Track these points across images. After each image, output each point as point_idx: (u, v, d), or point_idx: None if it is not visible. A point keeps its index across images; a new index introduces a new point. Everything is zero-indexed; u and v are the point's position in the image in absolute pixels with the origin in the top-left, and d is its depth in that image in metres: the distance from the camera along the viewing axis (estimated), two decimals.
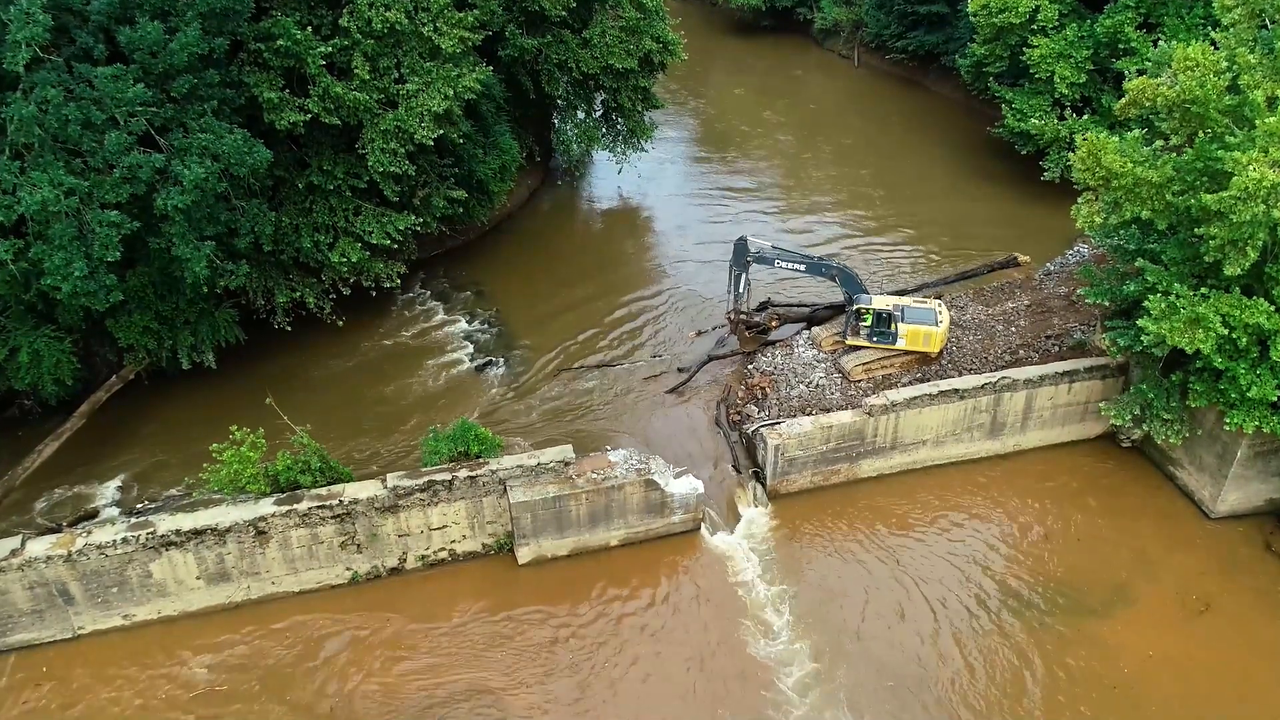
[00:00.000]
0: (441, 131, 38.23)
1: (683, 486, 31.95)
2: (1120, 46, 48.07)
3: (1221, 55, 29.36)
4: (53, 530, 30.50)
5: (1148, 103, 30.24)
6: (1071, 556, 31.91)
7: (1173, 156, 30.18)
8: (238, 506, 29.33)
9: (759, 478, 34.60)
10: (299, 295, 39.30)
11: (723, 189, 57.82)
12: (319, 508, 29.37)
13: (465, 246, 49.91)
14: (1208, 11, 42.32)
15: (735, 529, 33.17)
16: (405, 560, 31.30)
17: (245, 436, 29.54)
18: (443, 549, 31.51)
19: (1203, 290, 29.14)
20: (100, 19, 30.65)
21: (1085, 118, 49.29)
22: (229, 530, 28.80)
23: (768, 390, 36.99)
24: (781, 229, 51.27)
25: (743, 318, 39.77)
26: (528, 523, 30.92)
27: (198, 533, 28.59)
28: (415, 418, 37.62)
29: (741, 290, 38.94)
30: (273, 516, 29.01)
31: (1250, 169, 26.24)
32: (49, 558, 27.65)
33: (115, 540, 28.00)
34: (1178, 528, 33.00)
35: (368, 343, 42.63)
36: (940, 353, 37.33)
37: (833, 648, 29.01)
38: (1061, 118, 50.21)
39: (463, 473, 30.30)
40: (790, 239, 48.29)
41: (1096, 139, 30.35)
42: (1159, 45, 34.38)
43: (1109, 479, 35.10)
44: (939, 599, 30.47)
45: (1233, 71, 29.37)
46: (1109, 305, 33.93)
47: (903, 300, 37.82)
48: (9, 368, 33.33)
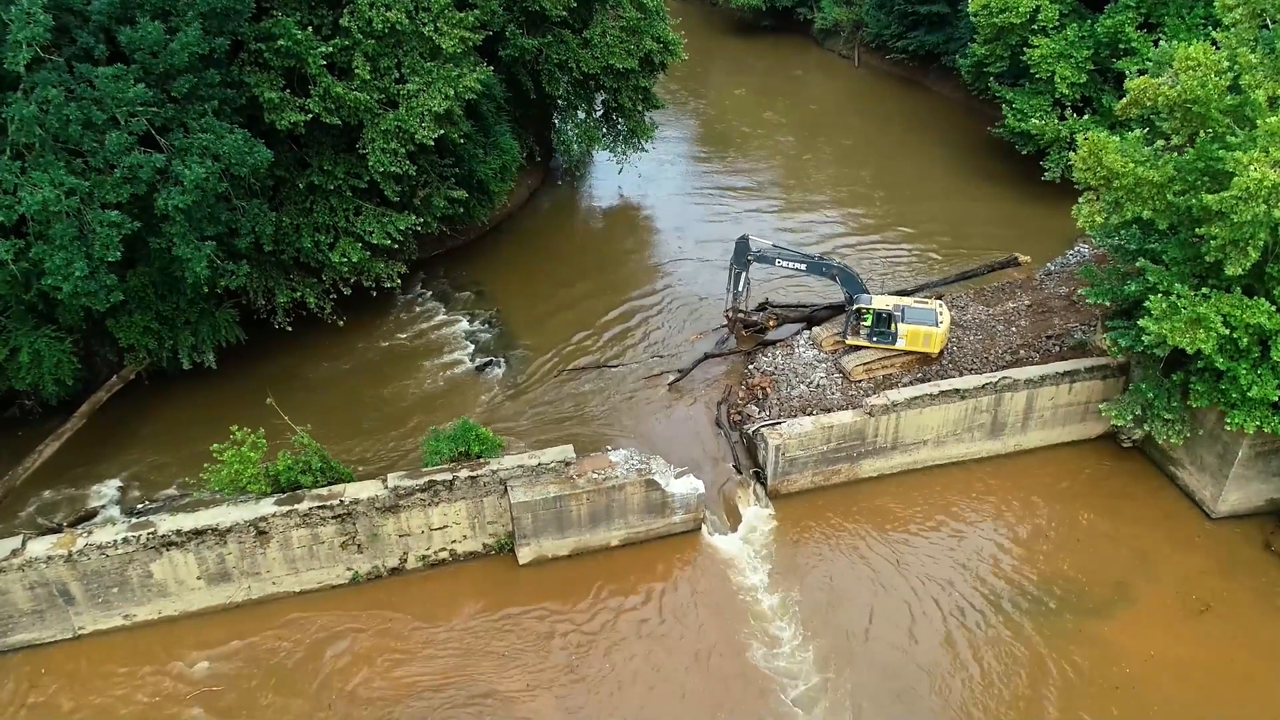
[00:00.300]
0: (442, 131, 38.23)
1: (683, 487, 31.94)
2: (1121, 46, 48.09)
3: (1222, 55, 29.36)
4: (53, 530, 30.54)
5: (1149, 102, 30.23)
6: (1072, 556, 31.91)
7: (1174, 156, 30.18)
8: (238, 506, 29.33)
9: (760, 478, 34.59)
10: (299, 295, 39.30)
11: (723, 189, 57.81)
12: (320, 508, 29.37)
13: (466, 246, 49.93)
14: (1208, 11, 42.35)
15: (736, 529, 33.15)
16: (406, 560, 31.30)
17: (246, 436, 29.55)
18: (443, 549, 31.51)
19: (1204, 290, 29.13)
20: (101, 19, 30.66)
21: (1086, 118, 49.28)
22: (230, 530, 28.80)
23: (768, 390, 36.98)
24: (782, 229, 51.23)
25: (741, 316, 39.87)
26: (528, 523, 30.93)
27: (198, 533, 28.59)
28: (416, 418, 37.61)
29: (741, 289, 39.02)
30: (273, 516, 29.01)
31: (1251, 169, 26.25)
32: (49, 558, 27.65)
33: (116, 540, 28.00)
34: (1178, 528, 33.00)
35: (368, 343, 42.62)
36: (941, 353, 37.34)
37: (834, 649, 28.96)
38: (1062, 118, 50.21)
39: (463, 473, 30.30)
40: (790, 239, 48.25)
41: (1098, 139, 30.33)
42: (1160, 45, 34.37)
43: (1110, 479, 35.09)
44: (940, 599, 30.47)
45: (1234, 71, 29.37)
46: (1110, 305, 33.95)
47: (903, 300, 37.80)
48: (9, 368, 33.33)
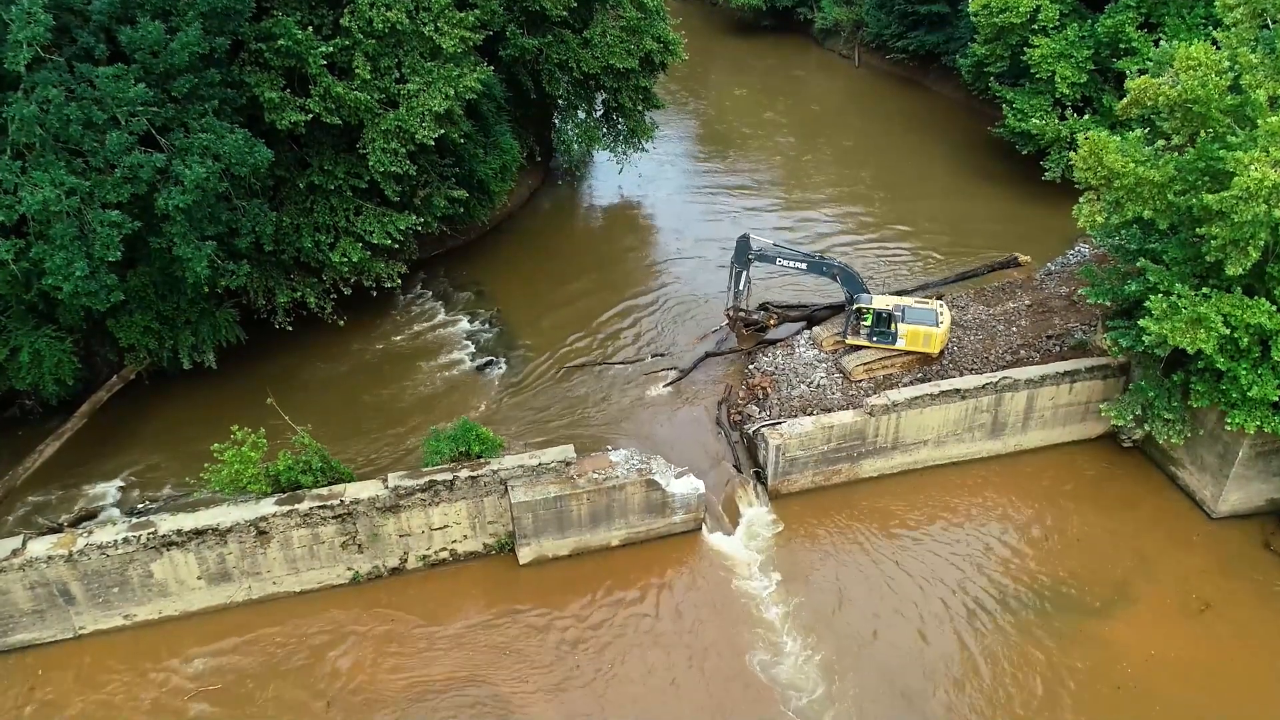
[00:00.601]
0: (442, 131, 38.22)
1: (683, 486, 31.93)
2: (1121, 46, 48.09)
3: (1223, 55, 29.36)
4: (53, 530, 30.49)
5: (1149, 102, 30.23)
6: (1072, 556, 31.91)
7: (1174, 156, 30.17)
8: (239, 506, 29.33)
9: (760, 478, 34.58)
10: (300, 295, 39.28)
11: (723, 189, 57.79)
12: (320, 508, 29.37)
13: (466, 246, 49.91)
14: (1209, 11, 42.35)
15: (736, 529, 33.14)
16: (406, 560, 31.29)
17: (246, 436, 29.54)
18: (444, 549, 31.51)
19: (1204, 290, 29.13)
20: (101, 19, 30.64)
21: (1086, 118, 49.28)
22: (230, 530, 28.80)
23: (769, 390, 36.98)
24: (782, 228, 51.21)
25: (741, 315, 39.87)
26: (529, 523, 30.92)
27: (199, 533, 28.59)
28: (416, 418, 37.59)
29: (741, 287, 39.02)
30: (274, 516, 29.01)
31: (1252, 169, 26.25)
32: (50, 558, 27.64)
33: (116, 540, 28.00)
34: (1178, 527, 33.00)
35: (368, 343, 42.59)
36: (941, 353, 37.33)
37: (835, 650, 28.95)
38: (1062, 118, 50.21)
39: (464, 473, 30.29)
40: (790, 238, 48.22)
41: (1098, 138, 30.34)
42: (1160, 45, 34.40)
43: (1110, 479, 35.08)
44: (940, 599, 30.46)
45: (1234, 71, 29.37)
46: (1110, 305, 33.95)
47: (904, 300, 37.79)
48: (10, 368, 33.31)
